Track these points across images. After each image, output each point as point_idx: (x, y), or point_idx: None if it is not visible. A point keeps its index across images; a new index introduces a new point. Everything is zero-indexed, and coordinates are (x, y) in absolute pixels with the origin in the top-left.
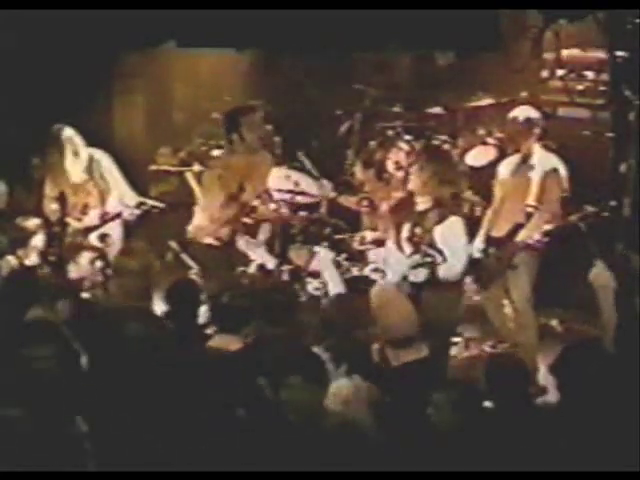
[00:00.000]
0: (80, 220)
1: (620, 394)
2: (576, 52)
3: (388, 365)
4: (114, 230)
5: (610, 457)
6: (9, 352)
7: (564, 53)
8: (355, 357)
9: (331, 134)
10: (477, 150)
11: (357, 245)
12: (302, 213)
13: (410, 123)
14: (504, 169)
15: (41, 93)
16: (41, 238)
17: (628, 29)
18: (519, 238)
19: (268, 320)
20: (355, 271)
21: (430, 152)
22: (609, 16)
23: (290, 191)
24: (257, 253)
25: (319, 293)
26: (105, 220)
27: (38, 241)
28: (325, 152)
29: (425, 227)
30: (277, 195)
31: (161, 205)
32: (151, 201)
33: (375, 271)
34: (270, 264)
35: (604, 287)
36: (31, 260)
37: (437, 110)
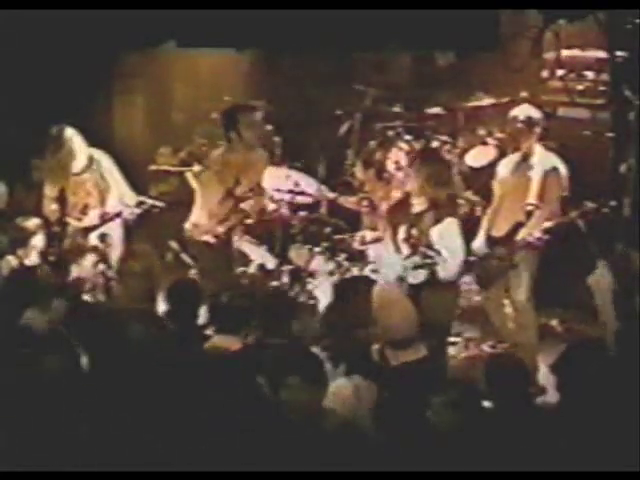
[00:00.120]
0: (80, 220)
1: (620, 394)
2: (576, 52)
3: (387, 365)
4: (114, 230)
5: (610, 457)
6: (9, 352)
7: (564, 53)
8: (354, 357)
9: (331, 134)
10: (477, 150)
11: (357, 245)
12: (302, 213)
13: (410, 123)
14: (504, 168)
15: (41, 93)
16: (41, 238)
17: (628, 29)
18: (519, 236)
19: (268, 320)
20: (355, 271)
21: (425, 154)
22: (609, 16)
23: (290, 191)
24: (257, 253)
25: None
26: (105, 220)
27: (38, 241)
28: (325, 152)
29: (421, 228)
30: (277, 195)
31: (161, 204)
32: (151, 200)
33: (374, 271)
34: (270, 264)
35: (603, 291)
36: (31, 260)
37: (437, 110)
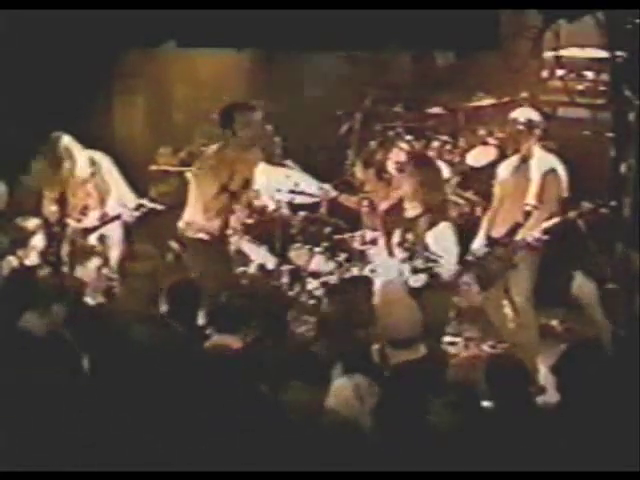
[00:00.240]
0: (80, 221)
1: (620, 394)
2: (576, 52)
3: (387, 365)
4: (114, 231)
5: (610, 457)
6: (8, 353)
7: (564, 53)
8: (354, 357)
9: (331, 134)
10: (477, 150)
11: (357, 245)
12: (302, 213)
13: (410, 123)
14: (504, 170)
15: (41, 93)
16: (41, 238)
17: (628, 29)
18: (519, 237)
19: (267, 320)
20: (355, 271)
21: (417, 159)
22: (609, 16)
23: (290, 191)
24: (257, 253)
25: (319, 293)
26: (105, 221)
27: (38, 241)
28: (325, 152)
29: (416, 233)
30: (277, 195)
31: (160, 207)
32: (150, 203)
33: (373, 272)
34: (270, 264)
35: (588, 296)
36: (31, 260)
37: (437, 110)
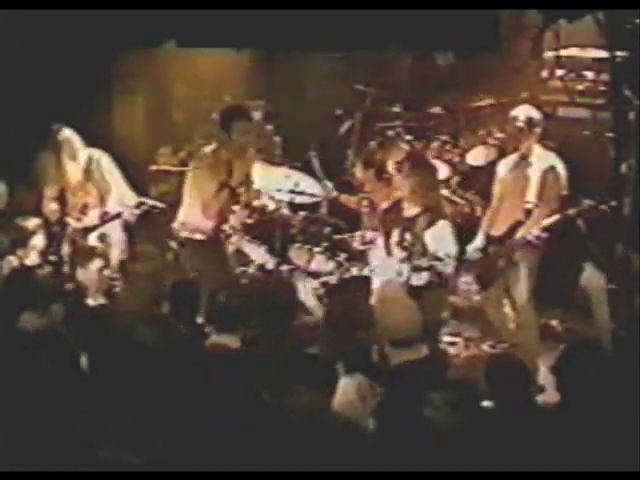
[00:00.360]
0: (80, 220)
1: (620, 394)
2: (576, 52)
3: (387, 364)
4: (114, 230)
5: (610, 457)
6: (7, 353)
7: (564, 53)
8: (355, 357)
9: (331, 134)
10: (477, 150)
11: (357, 245)
12: (302, 213)
13: (410, 123)
14: (503, 168)
15: (41, 93)
16: (41, 238)
17: (628, 29)
18: (519, 234)
19: (267, 320)
20: (355, 271)
21: (414, 160)
22: (609, 16)
23: (290, 191)
24: (257, 253)
25: (319, 293)
26: (105, 220)
27: (38, 241)
28: (325, 152)
29: (415, 232)
30: (277, 195)
31: (161, 205)
32: (151, 201)
33: (372, 271)
34: (270, 264)
35: (597, 289)
36: (31, 260)
37: (437, 110)
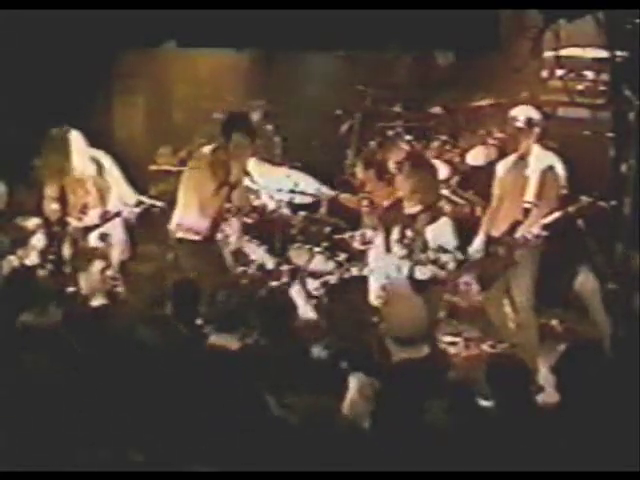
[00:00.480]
0: (80, 220)
1: (620, 394)
2: (576, 52)
3: (388, 362)
4: (114, 229)
5: (610, 457)
6: (9, 352)
7: (564, 53)
8: (355, 356)
9: (331, 134)
10: (477, 150)
11: (357, 245)
12: (302, 213)
13: (410, 123)
14: (502, 168)
15: (41, 93)
16: (41, 238)
17: (628, 29)
18: (518, 234)
19: (267, 320)
20: (355, 271)
21: (414, 160)
22: (609, 16)
23: (290, 191)
24: (257, 253)
25: (319, 293)
26: (105, 219)
27: (38, 241)
28: (325, 152)
29: (416, 229)
30: (277, 195)
31: (160, 203)
32: (150, 200)
33: (371, 271)
34: (269, 264)
35: (591, 293)
36: (31, 260)
37: (437, 110)
